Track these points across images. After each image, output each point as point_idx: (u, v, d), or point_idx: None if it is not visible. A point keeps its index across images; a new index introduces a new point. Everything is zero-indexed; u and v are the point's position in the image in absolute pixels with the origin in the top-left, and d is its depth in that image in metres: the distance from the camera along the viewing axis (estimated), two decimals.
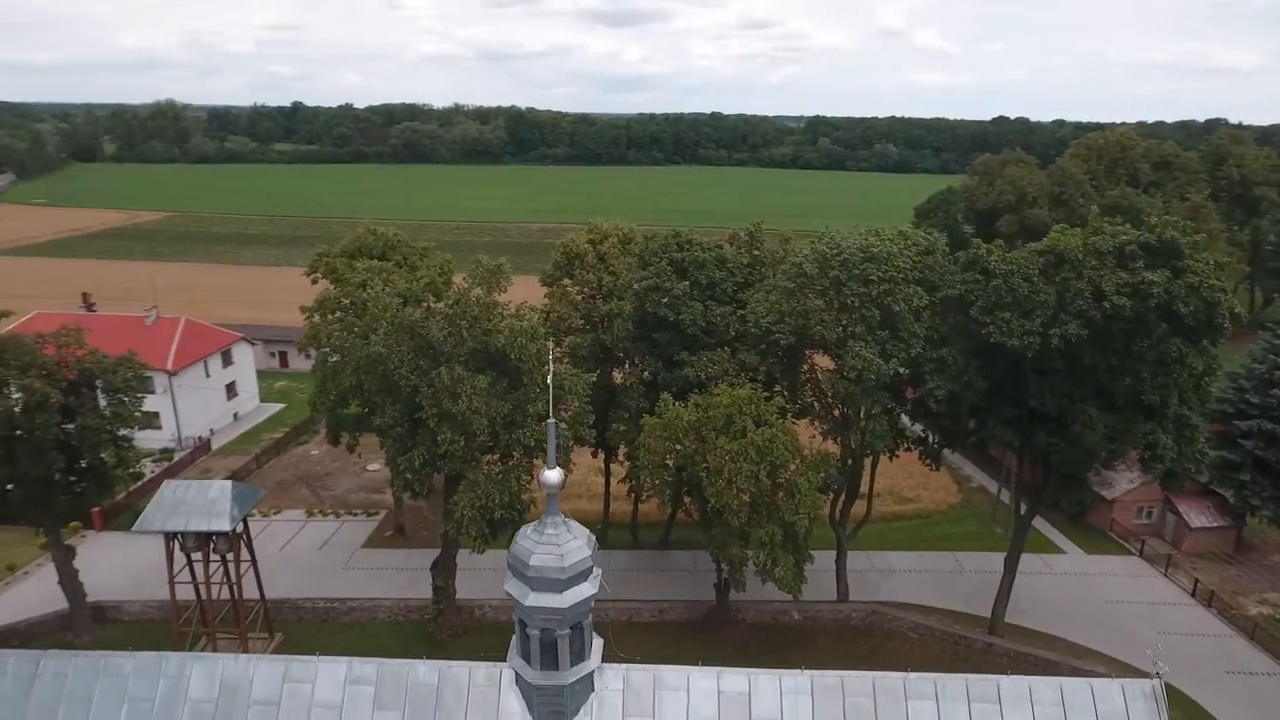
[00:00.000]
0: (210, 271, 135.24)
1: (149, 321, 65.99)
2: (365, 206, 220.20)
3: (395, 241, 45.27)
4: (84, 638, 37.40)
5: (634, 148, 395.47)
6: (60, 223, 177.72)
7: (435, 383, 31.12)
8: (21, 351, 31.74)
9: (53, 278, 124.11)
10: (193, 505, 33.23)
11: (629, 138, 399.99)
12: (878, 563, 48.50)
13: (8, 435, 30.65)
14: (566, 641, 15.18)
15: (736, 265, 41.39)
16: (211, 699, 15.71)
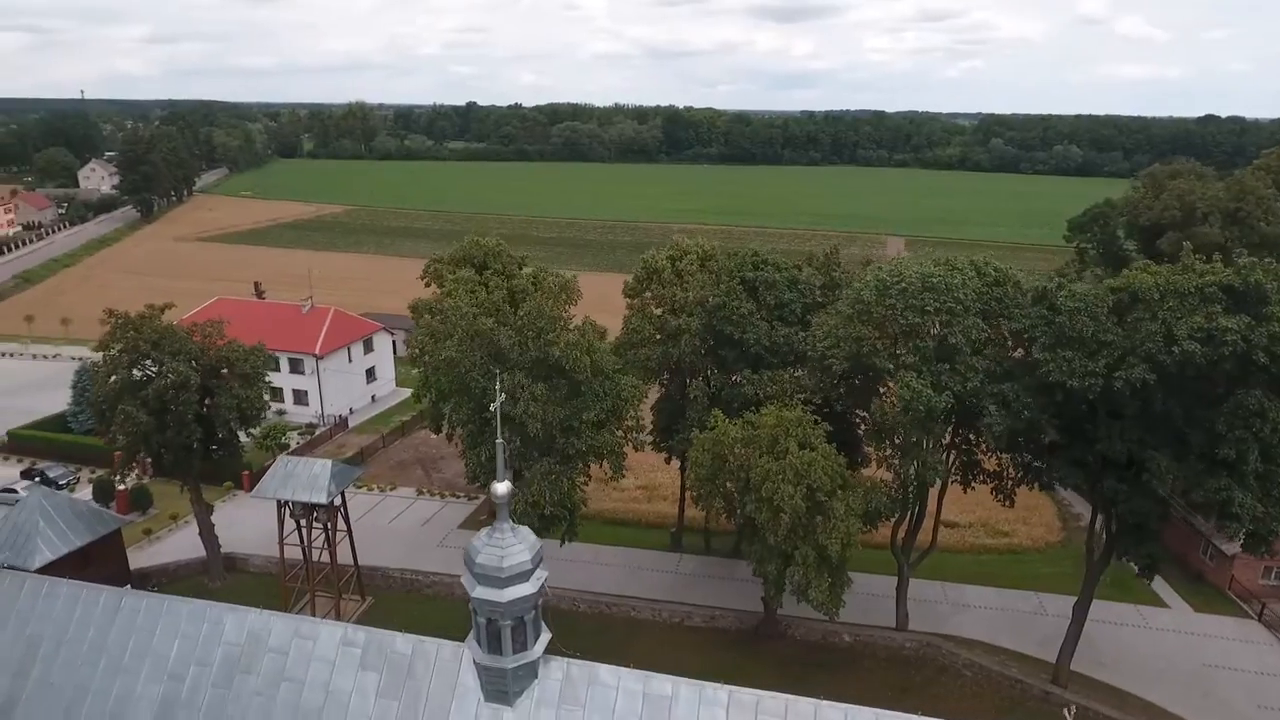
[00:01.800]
0: (375, 262, 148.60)
1: (304, 310, 74.76)
2: (519, 204, 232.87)
3: (497, 251, 49.20)
4: (215, 583, 44.12)
5: (789, 147, 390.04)
6: (259, 213, 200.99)
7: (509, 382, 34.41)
8: (174, 340, 38.16)
9: (246, 263, 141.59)
10: (299, 479, 38.56)
11: (785, 137, 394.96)
12: (952, 595, 47.23)
13: (159, 409, 37.09)
14: (509, 631, 17.52)
15: (809, 287, 41.96)
16: (239, 643, 19.44)
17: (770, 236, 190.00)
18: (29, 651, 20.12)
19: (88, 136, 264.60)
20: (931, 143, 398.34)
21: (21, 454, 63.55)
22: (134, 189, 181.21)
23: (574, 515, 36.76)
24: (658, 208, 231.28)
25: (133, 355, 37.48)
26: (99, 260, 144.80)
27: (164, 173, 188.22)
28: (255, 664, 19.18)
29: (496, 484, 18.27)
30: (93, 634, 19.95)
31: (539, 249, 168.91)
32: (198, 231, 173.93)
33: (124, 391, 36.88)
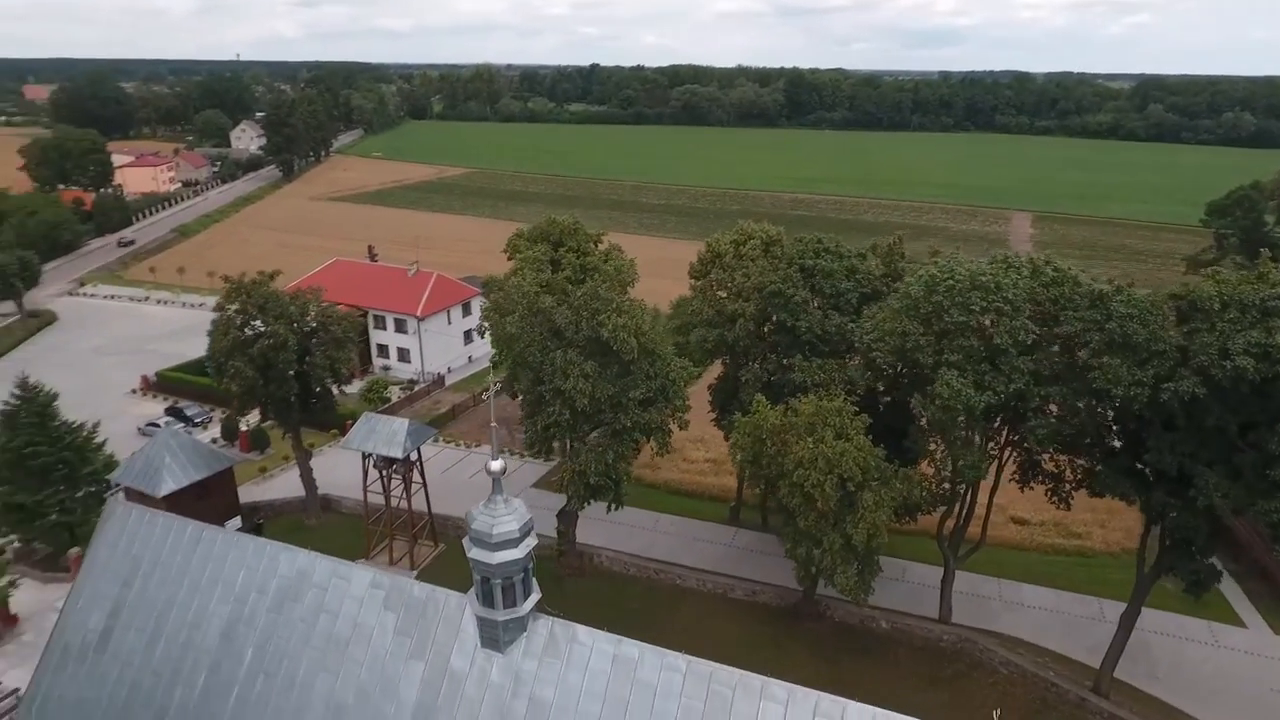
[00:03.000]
0: (487, 226, 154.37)
1: (410, 274, 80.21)
2: (633, 168, 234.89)
3: (572, 229, 51.44)
4: (312, 520, 49.62)
5: (919, 112, 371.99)
6: (387, 174, 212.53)
7: (553, 362, 37.02)
8: (277, 304, 42.94)
9: (370, 222, 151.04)
10: (379, 434, 42.86)
11: (915, 101, 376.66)
12: (1007, 592, 46.74)
13: (264, 365, 42.07)
14: (499, 589, 20.05)
15: (867, 277, 42.08)
16: (290, 576, 23.04)
17: (884, 209, 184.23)
18: (133, 569, 24.54)
19: (240, 99, 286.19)
20: (1080, 108, 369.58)
21: (167, 393, 72.25)
22: (277, 150, 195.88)
23: (619, 486, 39.14)
24: (772, 175, 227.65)
25: (244, 316, 42.56)
26: (243, 217, 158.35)
27: (303, 135, 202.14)
28: (301, 595, 22.72)
29: (491, 461, 20.71)
30: (179, 559, 24.11)
31: (646, 216, 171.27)
32: (331, 191, 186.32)
33: (235, 348, 42.09)
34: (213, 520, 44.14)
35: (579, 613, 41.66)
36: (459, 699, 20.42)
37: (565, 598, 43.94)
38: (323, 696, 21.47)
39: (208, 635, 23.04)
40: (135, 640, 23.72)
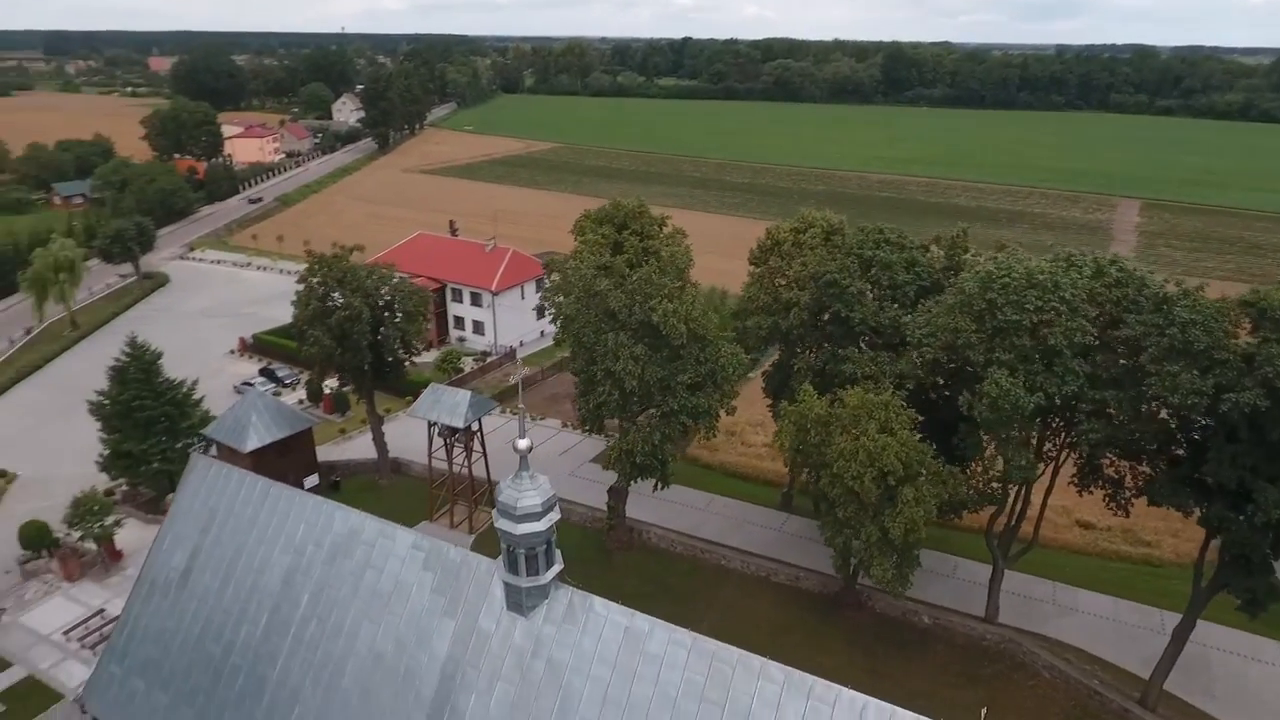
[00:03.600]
0: (568, 201, 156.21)
1: (487, 249, 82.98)
2: (718, 146, 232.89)
3: (637, 212, 52.09)
4: (383, 481, 52.84)
5: (1027, 89, 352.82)
6: (476, 148, 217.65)
7: (604, 344, 38.33)
8: (355, 278, 45.70)
9: (457, 195, 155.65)
10: (443, 404, 45.30)
11: (1023, 78, 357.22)
12: (1063, 596, 45.69)
13: (340, 335, 45.01)
14: (523, 558, 21.58)
15: (927, 270, 41.56)
16: (344, 533, 25.29)
17: (978, 192, 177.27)
18: (210, 517, 27.34)
19: (343, 72, 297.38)
20: (1208, 86, 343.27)
21: (261, 355, 77.50)
22: (374, 123, 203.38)
23: (666, 467, 40.31)
24: (862, 155, 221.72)
25: (324, 288, 45.54)
26: (340, 187, 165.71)
27: (399, 108, 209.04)
28: (352, 551, 24.92)
29: (519, 440, 22.15)
30: (249, 511, 26.74)
31: (728, 195, 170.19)
32: (422, 164, 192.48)
33: (315, 318, 45.15)
34: (292, 476, 47.89)
35: (623, 585, 43.66)
36: (484, 656, 22.16)
37: (611, 570, 45.79)
38: (366, 643, 23.64)
39: (270, 581, 25.56)
40: (210, 581, 26.52)
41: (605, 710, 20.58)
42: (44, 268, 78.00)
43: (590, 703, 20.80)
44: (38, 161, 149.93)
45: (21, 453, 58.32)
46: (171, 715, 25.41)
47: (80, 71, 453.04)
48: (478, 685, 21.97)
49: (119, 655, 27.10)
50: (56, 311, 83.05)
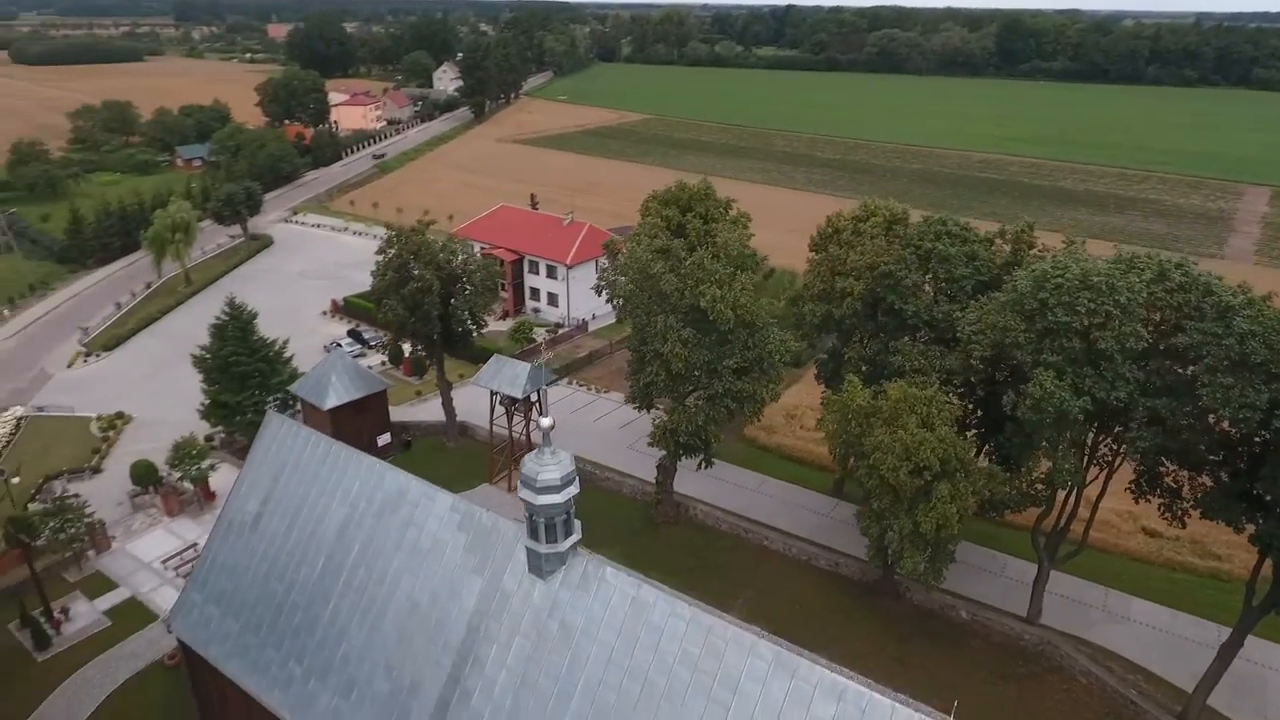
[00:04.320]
0: (654, 174, 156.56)
1: (564, 223, 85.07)
2: (812, 119, 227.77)
3: (702, 194, 52.64)
4: (450, 443, 56.07)
5: (1157, 63, 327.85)
6: (569, 118, 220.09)
7: (654, 325, 39.67)
8: (428, 251, 48.40)
9: (546, 165, 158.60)
10: (503, 375, 47.75)
11: (1153, 50, 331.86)
12: (1115, 604, 44.61)
13: (413, 305, 47.91)
14: (543, 526, 23.38)
15: (987, 265, 40.89)
16: (392, 492, 27.77)
17: (1087, 175, 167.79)
18: (279, 470, 30.39)
19: (445, 40, 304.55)
20: None
21: (350, 317, 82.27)
22: (470, 92, 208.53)
23: (709, 448, 41.52)
24: (965, 132, 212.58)
25: (400, 260, 48.46)
26: (436, 155, 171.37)
27: (495, 77, 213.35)
28: (398, 509, 27.37)
29: (542, 419, 23.81)
30: (312, 466, 29.61)
31: (816, 172, 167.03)
32: (515, 133, 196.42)
33: (390, 288, 48.20)
34: (366, 434, 51.64)
35: (666, 557, 45.44)
36: (506, 612, 24.22)
37: (657, 541, 47.58)
38: (405, 593, 26.10)
39: (327, 530, 28.37)
40: (277, 525, 29.59)
41: (609, 671, 22.29)
42: (162, 228, 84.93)
43: (596, 663, 22.56)
44: (163, 125, 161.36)
45: (138, 397, 64.48)
46: (239, 641, 28.72)
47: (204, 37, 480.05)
48: (498, 638, 24.07)
49: (200, 585, 30.66)
50: (172, 268, 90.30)
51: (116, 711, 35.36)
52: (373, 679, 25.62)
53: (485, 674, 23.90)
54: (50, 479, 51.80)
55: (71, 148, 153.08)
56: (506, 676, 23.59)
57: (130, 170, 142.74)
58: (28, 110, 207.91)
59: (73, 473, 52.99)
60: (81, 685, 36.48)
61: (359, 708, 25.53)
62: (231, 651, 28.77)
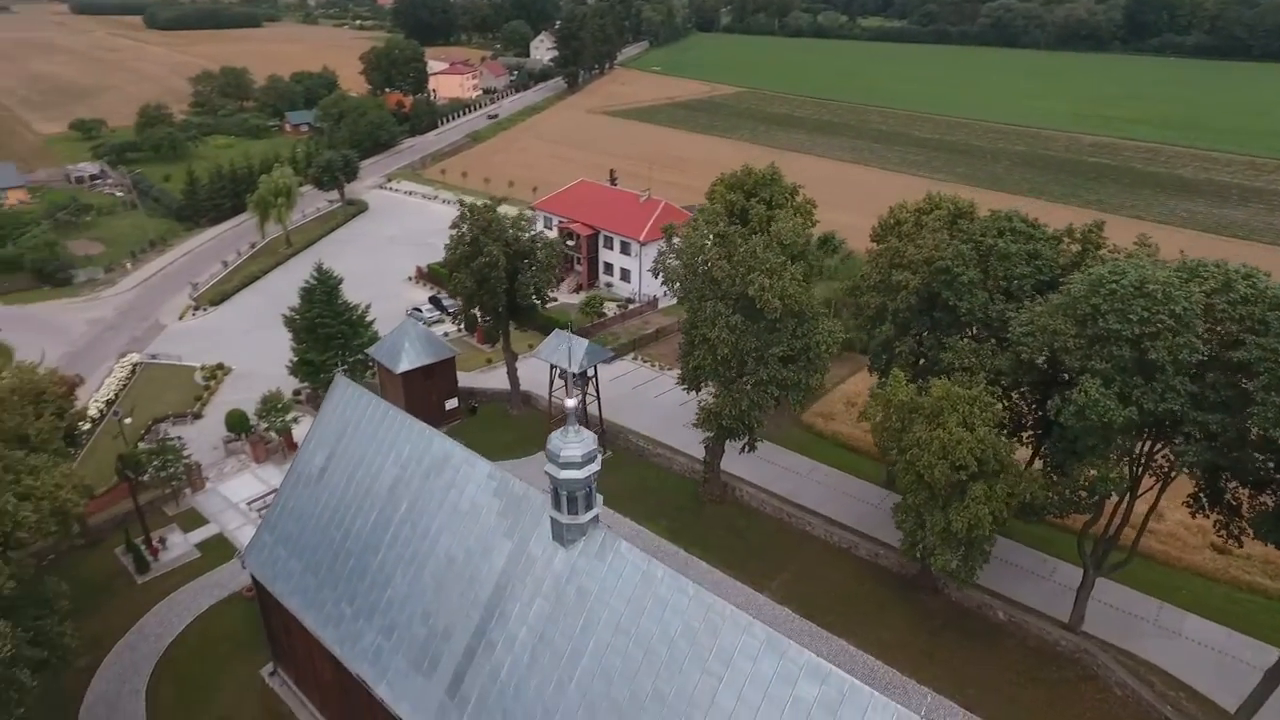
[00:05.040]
0: (742, 150, 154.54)
1: (641, 200, 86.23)
2: (914, 95, 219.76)
3: (768, 179, 52.63)
4: (513, 411, 58.79)
5: None
6: (660, 90, 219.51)
7: (704, 310, 40.73)
8: (498, 227, 50.65)
9: (633, 138, 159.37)
10: (562, 350, 49.82)
11: None
12: (1167, 618, 43.30)
13: (480, 280, 50.38)
14: (564, 498, 25.15)
15: (1050, 265, 39.95)
16: (438, 456, 30.15)
17: (1211, 163, 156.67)
18: (343, 429, 33.29)
19: (544, 9, 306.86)
20: None
21: (433, 283, 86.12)
22: (564, 62, 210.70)
23: (752, 432, 42.49)
24: (1080, 112, 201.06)
25: (471, 235, 50.95)
26: (527, 126, 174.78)
27: (590, 48, 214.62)
28: (443, 471, 29.73)
29: (566, 400, 25.47)
30: (370, 428, 32.36)
31: (911, 152, 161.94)
32: (606, 105, 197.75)
33: (460, 261, 50.80)
34: (435, 397, 54.85)
35: (707, 535, 46.92)
36: (530, 575, 26.24)
37: (700, 519, 49.02)
38: (443, 549, 28.50)
39: (380, 486, 31.06)
40: (338, 479, 32.53)
41: (617, 636, 24.02)
42: (266, 192, 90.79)
43: (606, 627, 24.31)
44: (275, 91, 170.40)
45: (238, 350, 69.99)
46: (301, 580, 31.91)
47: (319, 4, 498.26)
48: (521, 598, 26.13)
49: (271, 527, 34.06)
50: (275, 230, 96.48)
51: (200, 632, 39.71)
52: (411, 624, 28.23)
53: (508, 629, 26.05)
54: (158, 421, 57.31)
55: (192, 111, 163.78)
56: (526, 633, 25.67)
57: (243, 134, 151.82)
58: (157, 74, 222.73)
59: (177, 417, 58.45)
60: (172, 607, 41.06)
61: (397, 648, 28.21)
62: (294, 589, 32.01)
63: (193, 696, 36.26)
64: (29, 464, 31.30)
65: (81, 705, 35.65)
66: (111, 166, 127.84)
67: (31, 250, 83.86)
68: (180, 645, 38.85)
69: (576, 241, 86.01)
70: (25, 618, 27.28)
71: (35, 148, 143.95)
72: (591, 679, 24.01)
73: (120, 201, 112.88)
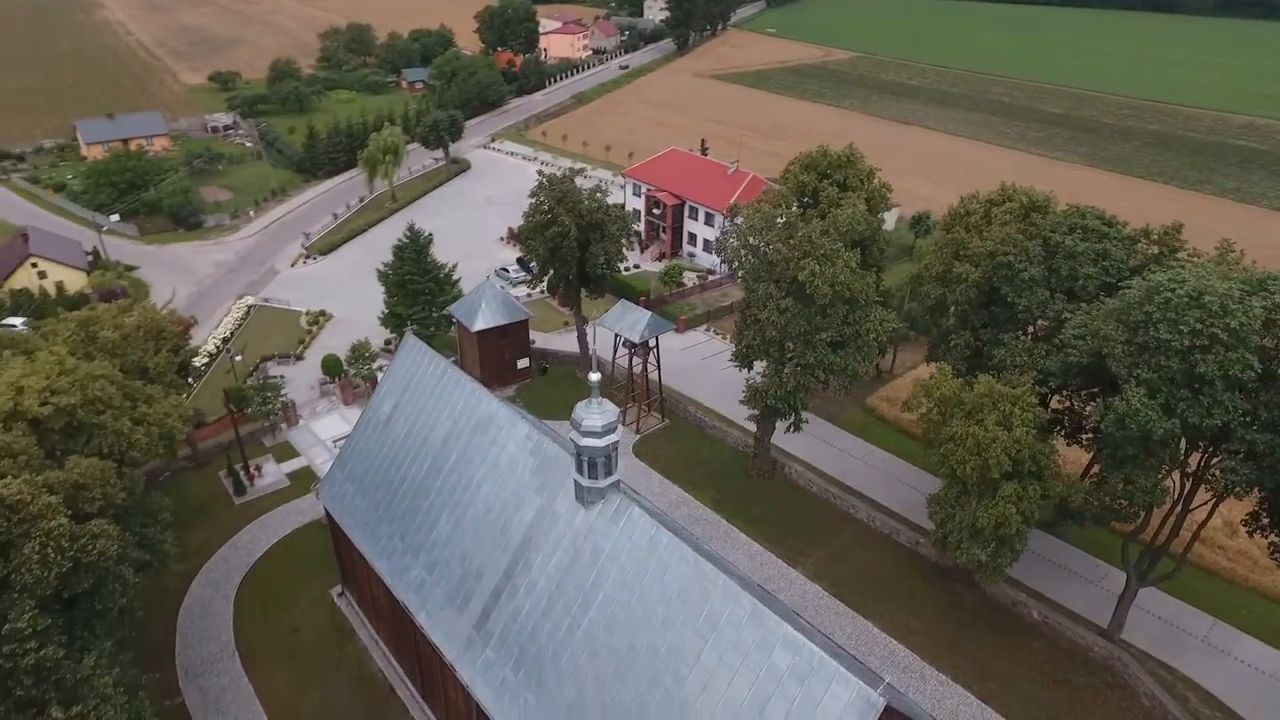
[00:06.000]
0: (848, 120, 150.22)
1: (729, 172, 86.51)
2: (1042, 66, 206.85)
3: (843, 161, 52.18)
4: (582, 374, 61.54)
5: None
6: (772, 54, 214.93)
7: (755, 291, 41.83)
8: (573, 197, 52.83)
9: (737, 104, 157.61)
10: (625, 320, 51.93)
11: None
12: (1218, 637, 41.98)
13: (553, 248, 52.87)
14: (585, 463, 27.39)
15: (1118, 266, 38.79)
16: (486, 414, 32.97)
17: None
18: (408, 380, 36.67)
19: None
20: None
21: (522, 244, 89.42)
22: (676, 23, 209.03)
23: (798, 414, 43.55)
24: (1233, 87, 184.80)
25: (547, 204, 53.39)
26: (632, 88, 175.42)
27: (703, 8, 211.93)
28: (488, 429, 32.57)
29: (591, 374, 27.52)
30: (430, 383, 35.56)
31: (1032, 128, 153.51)
32: (714, 68, 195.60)
33: (536, 229, 53.40)
34: (508, 355, 58.19)
35: (750, 508, 48.61)
36: (553, 529, 28.82)
37: (746, 492, 50.59)
38: (483, 498, 31.45)
39: (435, 436, 34.29)
40: (401, 427, 35.99)
41: (622, 592, 26.29)
42: (376, 149, 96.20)
43: (614, 583, 26.61)
44: (394, 49, 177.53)
45: (339, 299, 75.62)
46: (365, 515, 35.71)
47: None
48: (544, 549, 28.76)
49: (343, 465, 38.07)
50: (381, 186, 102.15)
51: (284, 551, 44.79)
52: (450, 563, 31.45)
53: (531, 576, 28.79)
54: (265, 360, 63.32)
55: (319, 66, 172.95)
56: (545, 581, 28.34)
57: (363, 90, 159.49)
58: (291, 28, 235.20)
59: (281, 357, 64.33)
60: (262, 528, 46.34)
61: (438, 583, 31.53)
62: (357, 522, 35.90)
63: (272, 606, 41.25)
64: (145, 393, 36.13)
65: (181, 604, 41.26)
66: (243, 118, 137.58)
67: (169, 196, 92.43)
68: (265, 561, 44.01)
69: (662, 210, 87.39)
70: (134, 525, 32.05)
71: (180, 97, 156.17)
72: (596, 628, 26.47)
73: (248, 152, 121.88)
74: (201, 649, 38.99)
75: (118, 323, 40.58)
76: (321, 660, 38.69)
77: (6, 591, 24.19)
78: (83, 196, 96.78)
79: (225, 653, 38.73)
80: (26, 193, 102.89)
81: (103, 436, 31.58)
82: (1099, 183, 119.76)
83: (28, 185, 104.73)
